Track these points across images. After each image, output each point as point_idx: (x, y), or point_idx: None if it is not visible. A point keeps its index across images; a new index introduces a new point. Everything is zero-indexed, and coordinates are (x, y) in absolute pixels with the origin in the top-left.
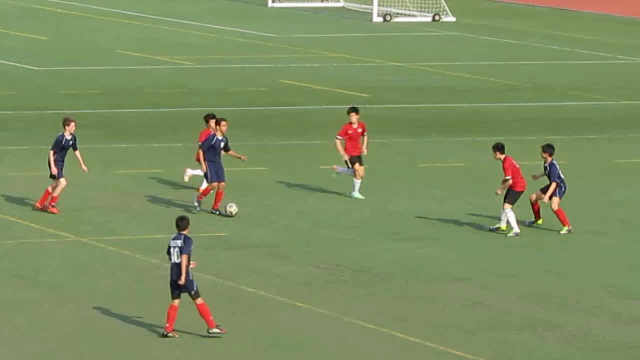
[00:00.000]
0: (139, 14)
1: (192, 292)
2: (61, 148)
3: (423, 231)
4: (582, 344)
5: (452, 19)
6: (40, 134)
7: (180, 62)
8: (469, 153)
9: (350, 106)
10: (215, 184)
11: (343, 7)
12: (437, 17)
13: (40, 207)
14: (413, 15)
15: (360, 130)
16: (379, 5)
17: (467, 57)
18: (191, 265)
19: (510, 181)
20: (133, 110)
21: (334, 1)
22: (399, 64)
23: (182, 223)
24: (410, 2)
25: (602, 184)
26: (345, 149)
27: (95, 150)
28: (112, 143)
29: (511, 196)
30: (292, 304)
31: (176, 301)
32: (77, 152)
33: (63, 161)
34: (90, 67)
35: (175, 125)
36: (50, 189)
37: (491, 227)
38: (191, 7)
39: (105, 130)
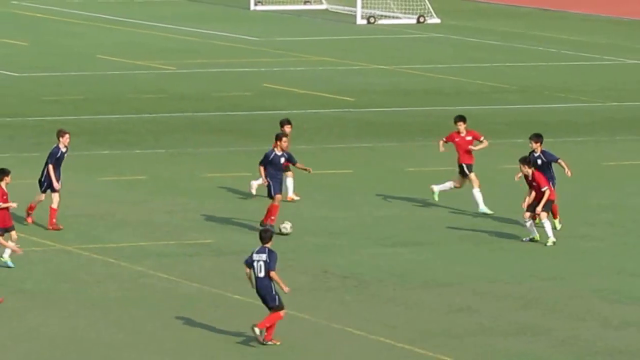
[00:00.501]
0: (120, 19)
1: (274, 306)
2: (56, 160)
3: (410, 236)
4: (571, 349)
5: (437, 20)
6: (22, 141)
7: (162, 67)
8: (456, 157)
9: (457, 115)
10: (279, 195)
11: (326, 10)
12: (421, 19)
13: (53, 227)
14: (397, 17)
15: (469, 138)
16: (362, 7)
17: (453, 59)
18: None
19: (548, 192)
20: (115, 116)
21: (317, 3)
22: (383, 66)
23: (265, 235)
24: (394, 4)
25: (590, 187)
26: (461, 158)
27: (77, 157)
28: (95, 150)
29: (547, 205)
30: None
31: (280, 312)
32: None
33: (59, 175)
34: (71, 73)
35: (158, 131)
36: (54, 205)
37: (524, 238)
38: (172, 11)
39: (88, 136)
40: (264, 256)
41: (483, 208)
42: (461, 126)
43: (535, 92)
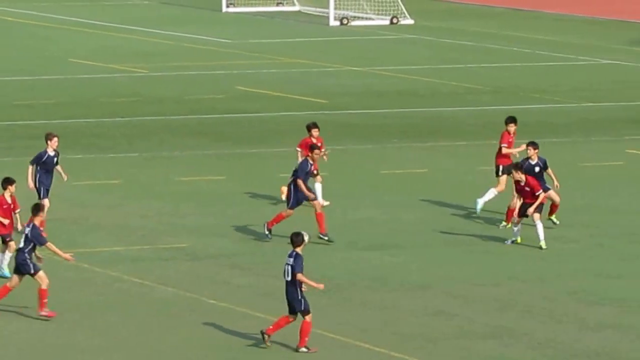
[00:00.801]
0: (92, 22)
1: (301, 310)
2: (43, 164)
3: (385, 239)
4: (549, 351)
5: (410, 21)
6: None
7: (135, 70)
8: (431, 158)
9: (509, 116)
10: (291, 211)
11: (299, 11)
12: (395, 20)
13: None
14: (370, 19)
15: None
16: (335, 8)
17: (426, 61)
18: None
19: (543, 195)
20: (88, 120)
21: (290, 5)
22: (357, 68)
23: (296, 239)
24: (367, 5)
25: (566, 188)
26: (498, 159)
27: None
28: (68, 154)
29: (540, 208)
30: (253, 314)
31: (291, 316)
32: (59, 167)
33: (49, 180)
34: (43, 77)
35: (132, 135)
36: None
37: (507, 241)
38: (145, 14)
39: (61, 141)
40: (291, 260)
41: (479, 207)
42: (512, 127)
43: (509, 93)
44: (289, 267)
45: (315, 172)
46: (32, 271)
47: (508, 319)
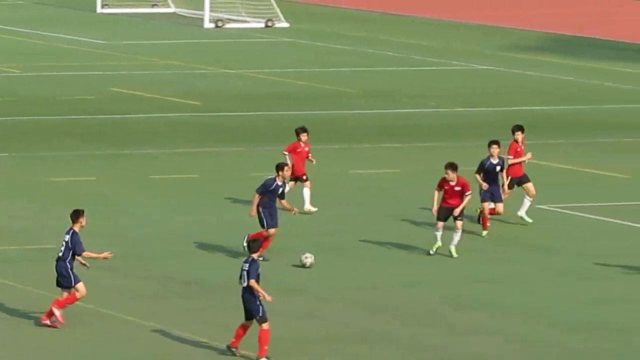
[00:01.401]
0: None
1: (258, 318)
2: None
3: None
4: (418, 355)
5: (286, 24)
6: None
7: (8, 69)
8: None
9: (516, 124)
10: (273, 230)
11: (174, 13)
12: (270, 23)
13: None
14: (245, 21)
15: (520, 149)
16: (210, 11)
17: (301, 64)
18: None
19: (470, 197)
20: None
21: (165, 7)
22: (231, 70)
23: (253, 245)
24: (242, 8)
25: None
26: (508, 169)
27: None
28: None
29: (461, 214)
30: (121, 317)
31: (247, 322)
32: None
33: None
34: None
35: (4, 135)
36: None
37: (431, 252)
38: (18, 13)
39: None
40: (246, 266)
41: (523, 214)
42: (519, 136)
43: (383, 97)
44: (245, 273)
45: (304, 177)
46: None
47: (379, 322)
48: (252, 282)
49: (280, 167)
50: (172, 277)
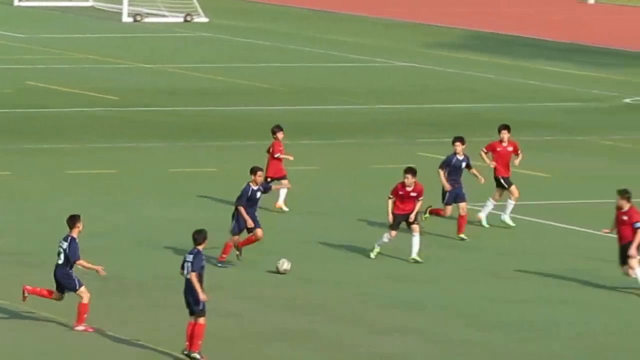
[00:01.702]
0: None
1: (197, 312)
2: None
3: (173, 239)
4: (336, 353)
5: (205, 19)
6: None
7: None
8: (221, 158)
9: (502, 124)
10: (237, 237)
11: (92, 7)
12: (189, 18)
13: None
14: (164, 16)
15: (510, 149)
16: (129, 5)
17: (220, 59)
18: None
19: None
20: None
21: (83, 0)
22: (149, 65)
23: (198, 237)
24: (161, 2)
25: (356, 190)
26: (496, 170)
27: None
28: None
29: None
30: (37, 314)
31: (192, 318)
32: None
33: None
34: None
35: None
36: None
37: (372, 255)
38: None
39: None
40: (190, 257)
41: (506, 217)
42: (505, 135)
43: (303, 93)
44: (189, 265)
45: (285, 176)
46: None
47: (298, 320)
48: (193, 275)
49: (253, 171)
50: (88, 274)
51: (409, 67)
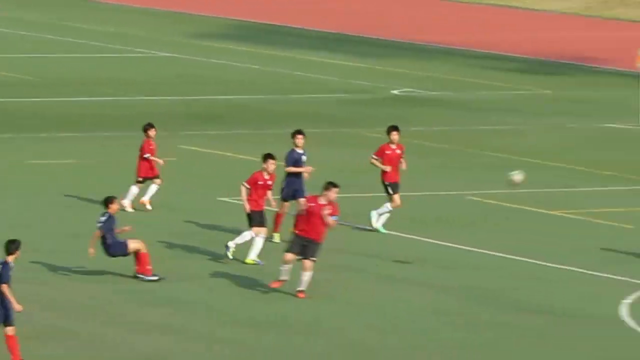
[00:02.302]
0: None
1: (9, 320)
2: None
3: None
4: (94, 353)
5: None
6: None
7: None
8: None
9: (391, 124)
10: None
11: None
12: None
13: None
14: None
15: (399, 152)
16: None
17: None
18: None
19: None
20: None
21: None
22: None
23: (11, 247)
24: None
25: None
26: (383, 175)
27: None
28: None
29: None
30: None
31: (8, 329)
32: None
33: None
34: None
35: None
36: None
37: (230, 257)
38: None
39: None
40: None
41: (379, 224)
42: (395, 136)
43: (60, 85)
44: None
45: (158, 176)
46: None
47: (59, 318)
48: (4, 287)
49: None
50: None
51: (171, 57)
